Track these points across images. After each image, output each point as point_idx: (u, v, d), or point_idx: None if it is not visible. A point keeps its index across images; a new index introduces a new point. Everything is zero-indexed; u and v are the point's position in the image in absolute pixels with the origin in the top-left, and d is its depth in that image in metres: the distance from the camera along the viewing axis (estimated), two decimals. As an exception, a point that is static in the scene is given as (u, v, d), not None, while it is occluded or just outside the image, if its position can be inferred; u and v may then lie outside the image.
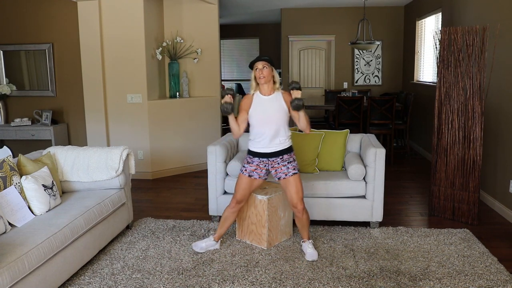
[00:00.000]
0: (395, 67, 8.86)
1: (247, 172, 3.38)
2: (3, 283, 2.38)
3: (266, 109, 3.26)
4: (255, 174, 3.37)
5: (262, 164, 3.35)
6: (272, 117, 3.25)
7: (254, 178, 3.38)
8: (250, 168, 3.37)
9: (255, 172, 3.37)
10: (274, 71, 3.29)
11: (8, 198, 3.01)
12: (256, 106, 3.28)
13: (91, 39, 5.68)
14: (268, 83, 3.27)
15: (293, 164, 3.36)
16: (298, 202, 3.37)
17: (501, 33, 4.29)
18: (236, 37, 11.68)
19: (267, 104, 3.27)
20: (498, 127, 4.52)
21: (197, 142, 6.26)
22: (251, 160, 3.37)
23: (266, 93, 3.30)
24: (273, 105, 3.27)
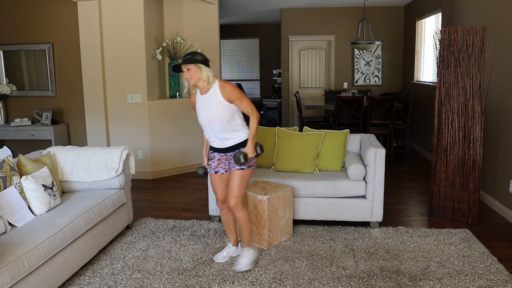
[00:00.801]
0: (395, 67, 8.86)
1: (212, 169, 3.26)
2: (3, 283, 2.38)
3: (206, 108, 3.07)
4: (221, 169, 3.24)
5: (223, 158, 3.21)
6: (214, 116, 3.04)
7: (221, 173, 3.24)
8: (213, 164, 3.24)
9: (219, 167, 3.23)
10: (201, 68, 3.01)
11: (8, 198, 3.01)
12: (198, 105, 3.13)
13: (91, 39, 5.69)
14: (200, 81, 3.04)
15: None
16: (230, 199, 3.17)
17: (501, 33, 4.29)
18: (236, 37, 11.68)
19: (206, 102, 3.07)
20: (498, 127, 4.52)
21: (197, 142, 6.25)
22: (212, 156, 3.25)
23: (203, 92, 3.08)
24: (211, 103, 3.05)
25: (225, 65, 11.82)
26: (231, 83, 3.09)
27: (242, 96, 3.05)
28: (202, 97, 3.09)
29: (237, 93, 3.03)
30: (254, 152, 3.11)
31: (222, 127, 3.07)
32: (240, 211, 3.20)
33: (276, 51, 11.00)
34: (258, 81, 11.96)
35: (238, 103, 3.04)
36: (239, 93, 3.03)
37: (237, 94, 3.03)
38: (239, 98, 3.03)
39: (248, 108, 3.09)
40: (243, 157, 3.00)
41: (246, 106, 3.08)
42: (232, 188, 3.15)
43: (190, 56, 3.02)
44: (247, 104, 3.08)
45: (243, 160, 3.00)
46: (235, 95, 3.02)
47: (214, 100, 3.03)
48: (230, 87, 3.02)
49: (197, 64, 3.00)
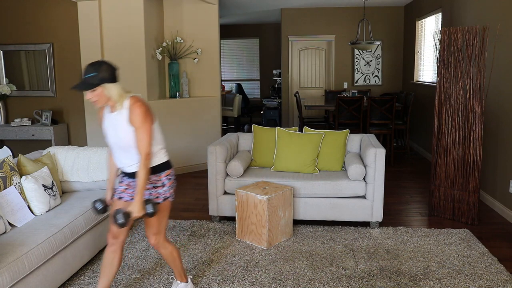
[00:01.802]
0: (395, 67, 8.86)
1: (117, 194, 2.65)
2: (3, 283, 2.38)
3: (114, 129, 2.53)
4: (126, 196, 2.63)
5: (133, 184, 2.61)
6: (122, 140, 2.51)
7: (125, 200, 2.61)
8: (120, 188, 2.65)
9: (125, 193, 2.63)
10: (107, 88, 2.41)
11: (8, 198, 3.01)
12: (106, 124, 2.58)
13: (91, 39, 5.68)
14: (109, 101, 2.46)
15: (159, 190, 2.59)
16: (149, 237, 2.67)
17: (501, 33, 4.29)
18: (236, 37, 11.68)
19: (112, 121, 2.53)
20: (498, 127, 4.52)
21: (197, 142, 6.26)
22: (122, 179, 2.67)
23: (112, 109, 2.51)
24: (118, 125, 2.50)
25: (225, 65, 11.83)
26: (143, 104, 2.49)
27: (145, 125, 2.44)
28: (110, 115, 2.53)
29: (142, 119, 2.43)
30: (142, 211, 2.43)
31: (129, 152, 2.53)
32: (163, 248, 2.72)
33: (276, 51, 11.00)
34: (258, 81, 11.96)
35: (136, 130, 2.44)
36: (143, 120, 2.43)
37: (140, 120, 2.43)
38: (140, 126, 2.43)
39: (143, 144, 2.44)
40: (123, 217, 2.35)
41: (142, 139, 2.44)
42: (150, 225, 2.63)
43: (93, 74, 2.38)
44: (145, 139, 2.44)
45: (122, 221, 2.35)
46: (137, 121, 2.43)
47: (120, 121, 2.48)
48: (138, 110, 2.44)
49: (104, 83, 2.40)
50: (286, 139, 4.35)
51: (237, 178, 4.12)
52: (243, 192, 3.72)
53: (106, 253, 2.69)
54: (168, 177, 2.63)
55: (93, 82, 2.38)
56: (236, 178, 4.12)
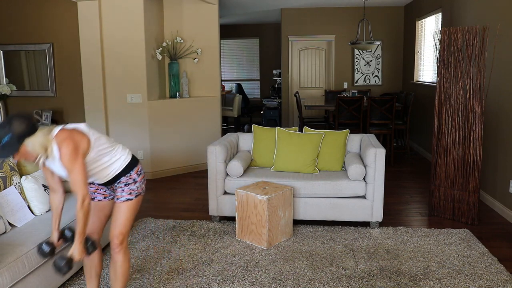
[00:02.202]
0: (395, 67, 8.86)
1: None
2: (3, 283, 2.38)
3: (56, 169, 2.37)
4: (98, 195, 2.60)
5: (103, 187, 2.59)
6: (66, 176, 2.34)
7: (98, 200, 2.59)
8: (90, 189, 2.58)
9: (97, 193, 2.60)
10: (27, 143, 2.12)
11: (8, 198, 3.01)
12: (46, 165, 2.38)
13: (91, 39, 5.68)
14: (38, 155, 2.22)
15: (131, 187, 2.53)
16: (114, 236, 2.51)
17: (501, 33, 4.29)
18: (236, 37, 11.68)
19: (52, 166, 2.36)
20: (498, 127, 4.52)
21: (197, 142, 6.26)
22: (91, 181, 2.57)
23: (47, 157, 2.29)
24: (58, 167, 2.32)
25: (225, 65, 11.83)
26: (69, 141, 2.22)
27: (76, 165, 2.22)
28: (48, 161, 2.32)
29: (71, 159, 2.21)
30: (83, 253, 2.29)
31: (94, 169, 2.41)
32: (124, 252, 2.54)
33: (276, 51, 11.00)
34: (258, 81, 11.96)
35: (68, 173, 2.25)
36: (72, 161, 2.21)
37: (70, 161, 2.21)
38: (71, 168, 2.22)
39: (78, 186, 2.23)
40: (66, 265, 2.20)
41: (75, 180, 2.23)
42: (118, 223, 2.50)
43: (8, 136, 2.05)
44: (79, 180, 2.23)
45: (66, 269, 2.20)
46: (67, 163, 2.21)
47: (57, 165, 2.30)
48: (65, 151, 2.20)
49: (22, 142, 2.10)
50: (286, 139, 4.35)
51: (237, 178, 4.12)
52: (243, 192, 3.72)
53: (85, 259, 2.61)
54: (138, 173, 2.56)
55: (12, 146, 2.07)
56: (236, 178, 4.12)
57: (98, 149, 2.38)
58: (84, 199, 2.24)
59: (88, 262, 2.64)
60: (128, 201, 2.53)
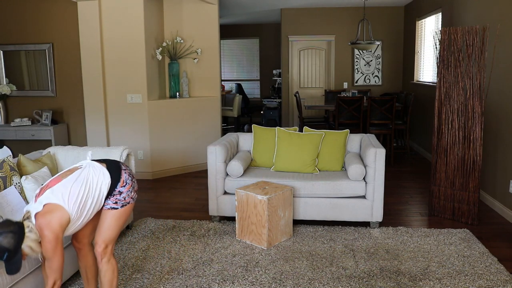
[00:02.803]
0: (395, 67, 8.86)
1: None
2: (3, 283, 2.38)
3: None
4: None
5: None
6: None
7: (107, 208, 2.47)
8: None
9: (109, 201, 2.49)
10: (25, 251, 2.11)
11: (8, 198, 3.01)
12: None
13: (91, 39, 5.68)
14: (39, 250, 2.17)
15: (117, 197, 2.43)
16: (99, 243, 2.43)
17: (501, 33, 4.29)
18: (236, 37, 11.68)
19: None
20: (498, 127, 4.52)
21: (197, 142, 6.26)
22: None
23: None
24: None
25: (225, 65, 11.83)
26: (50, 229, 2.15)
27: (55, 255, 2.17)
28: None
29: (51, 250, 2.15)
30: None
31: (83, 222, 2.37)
32: (107, 261, 2.46)
33: (276, 51, 11.00)
34: (258, 81, 11.96)
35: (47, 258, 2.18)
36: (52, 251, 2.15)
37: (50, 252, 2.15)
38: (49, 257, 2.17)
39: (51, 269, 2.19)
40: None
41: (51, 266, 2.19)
42: (101, 230, 2.43)
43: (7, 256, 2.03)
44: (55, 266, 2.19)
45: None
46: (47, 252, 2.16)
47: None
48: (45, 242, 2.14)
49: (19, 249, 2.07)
50: (286, 139, 4.35)
51: (237, 178, 4.12)
52: (243, 192, 3.72)
53: (79, 261, 2.61)
54: (123, 185, 2.45)
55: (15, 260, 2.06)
56: (236, 178, 4.12)
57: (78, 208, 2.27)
58: (55, 282, 2.21)
59: (83, 265, 2.62)
60: (113, 210, 2.43)
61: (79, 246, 2.57)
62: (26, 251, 2.10)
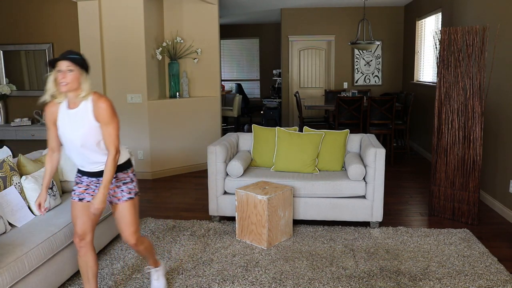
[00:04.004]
0: (395, 67, 8.86)
1: (76, 196, 2.57)
2: (3, 283, 2.38)
3: (72, 127, 2.40)
4: (87, 196, 2.57)
5: (93, 184, 2.57)
6: (81, 138, 2.40)
7: (87, 201, 2.56)
8: (79, 190, 2.57)
9: (86, 194, 2.57)
10: (83, 77, 2.38)
11: (8, 198, 3.01)
12: (61, 121, 2.44)
13: (91, 39, 5.68)
14: (74, 91, 2.36)
15: (129, 186, 2.60)
16: (129, 237, 2.61)
17: (501, 33, 4.29)
18: (236, 37, 11.68)
19: (72, 119, 2.40)
20: (498, 127, 4.52)
21: (197, 142, 6.26)
22: (80, 180, 2.59)
23: (72, 105, 2.41)
24: (80, 122, 2.39)
25: (225, 65, 11.83)
26: (109, 99, 2.45)
27: (114, 120, 2.41)
28: (68, 112, 2.41)
29: (110, 114, 2.39)
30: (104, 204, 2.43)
31: (93, 152, 2.46)
32: (141, 243, 2.69)
33: (276, 51, 10.99)
34: (258, 81, 11.96)
35: (105, 126, 2.39)
36: (111, 116, 2.40)
37: (109, 115, 2.39)
38: (108, 122, 2.39)
39: (113, 140, 2.41)
40: None
41: (111, 134, 2.41)
42: (127, 223, 2.60)
43: (79, 56, 2.38)
44: (114, 134, 2.41)
45: None
46: (106, 116, 2.38)
47: (83, 118, 2.39)
48: (105, 105, 2.38)
49: (83, 71, 2.38)
50: (286, 139, 4.35)
51: (237, 178, 4.12)
52: (243, 192, 3.72)
53: (79, 260, 2.64)
54: (133, 173, 2.69)
55: (77, 61, 2.36)
56: (236, 178, 4.12)
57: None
58: (117, 152, 2.43)
59: (83, 264, 2.63)
60: (130, 200, 2.61)
61: (81, 244, 2.59)
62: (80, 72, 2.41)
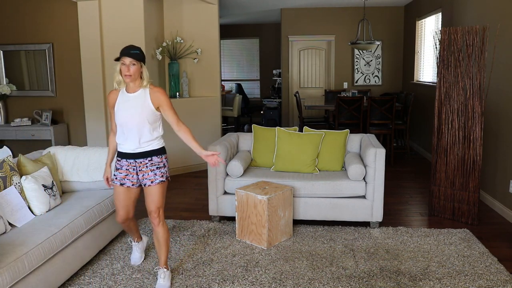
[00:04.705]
0: (395, 67, 8.86)
1: (118, 181, 2.97)
2: (3, 283, 2.38)
3: (129, 107, 2.87)
4: (128, 182, 2.96)
5: (131, 167, 2.95)
6: (134, 116, 2.86)
7: (127, 186, 2.98)
8: (120, 175, 2.96)
9: (126, 180, 2.96)
10: (143, 68, 2.87)
11: (8, 198, 3.01)
12: (120, 104, 2.90)
13: (91, 39, 5.67)
14: (134, 81, 2.85)
15: (162, 170, 2.96)
16: (155, 214, 2.98)
17: (501, 33, 4.29)
18: (236, 37, 11.68)
19: (131, 101, 2.88)
20: (498, 127, 4.52)
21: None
22: (120, 165, 2.97)
23: (131, 90, 2.89)
24: (137, 103, 2.87)
25: (225, 65, 11.82)
26: (161, 88, 3.04)
27: (169, 103, 2.93)
28: (127, 95, 2.89)
29: (168, 99, 2.92)
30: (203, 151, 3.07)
31: (142, 131, 2.89)
32: (162, 225, 3.01)
33: (276, 51, 10.99)
34: (258, 81, 11.96)
35: (164, 108, 2.90)
36: (167, 99, 2.92)
37: (167, 100, 2.91)
38: (169, 105, 2.91)
39: (174, 116, 2.94)
40: None
41: (173, 114, 2.94)
42: (154, 200, 2.96)
43: (139, 51, 2.81)
44: (173, 112, 2.94)
45: None
46: (165, 101, 2.90)
47: (141, 100, 2.87)
48: (162, 92, 2.91)
49: (142, 63, 2.85)
50: (286, 139, 4.34)
51: (237, 178, 4.12)
52: (243, 192, 3.72)
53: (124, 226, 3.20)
54: (166, 159, 3.04)
55: (138, 57, 2.78)
56: (236, 178, 4.12)
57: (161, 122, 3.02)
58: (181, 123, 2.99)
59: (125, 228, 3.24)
60: (162, 182, 2.96)
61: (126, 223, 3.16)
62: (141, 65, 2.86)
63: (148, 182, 2.93)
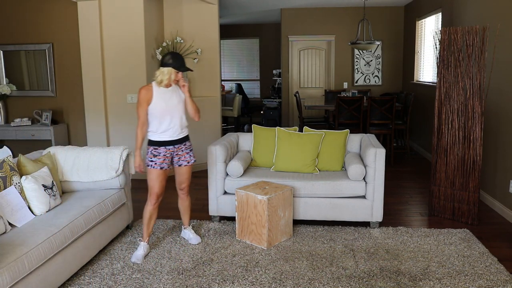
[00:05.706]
0: (395, 67, 8.86)
1: (158, 165, 3.45)
2: (3, 283, 2.38)
3: (170, 99, 3.41)
4: (165, 165, 3.49)
5: (168, 153, 3.49)
6: (177, 106, 3.44)
7: (165, 169, 3.50)
8: (159, 161, 3.46)
9: (164, 163, 3.48)
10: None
11: (8, 198, 3.01)
12: (159, 97, 3.38)
13: (91, 39, 5.68)
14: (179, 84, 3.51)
15: (192, 152, 3.64)
16: (186, 188, 3.72)
17: (501, 33, 4.29)
18: (236, 37, 11.68)
19: (170, 94, 3.43)
20: (498, 127, 4.52)
21: (197, 142, 6.22)
22: (157, 152, 3.46)
23: (167, 86, 3.43)
24: (175, 95, 3.45)
25: (225, 65, 11.83)
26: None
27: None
28: (164, 90, 3.40)
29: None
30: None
31: (180, 117, 3.48)
32: (188, 195, 3.79)
33: (276, 51, 11.00)
34: (258, 81, 11.96)
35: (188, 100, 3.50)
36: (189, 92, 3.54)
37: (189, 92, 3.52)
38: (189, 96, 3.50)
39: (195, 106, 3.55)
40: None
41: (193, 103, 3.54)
42: (187, 178, 3.68)
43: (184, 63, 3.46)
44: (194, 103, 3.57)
45: None
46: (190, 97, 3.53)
47: (176, 93, 3.47)
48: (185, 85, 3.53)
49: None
50: (286, 139, 4.35)
51: (237, 178, 4.12)
52: (243, 192, 3.72)
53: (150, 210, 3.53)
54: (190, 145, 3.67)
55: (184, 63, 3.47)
56: (236, 178, 4.12)
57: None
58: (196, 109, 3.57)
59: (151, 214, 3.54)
60: (193, 162, 3.66)
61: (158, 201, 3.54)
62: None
63: (185, 163, 3.58)
